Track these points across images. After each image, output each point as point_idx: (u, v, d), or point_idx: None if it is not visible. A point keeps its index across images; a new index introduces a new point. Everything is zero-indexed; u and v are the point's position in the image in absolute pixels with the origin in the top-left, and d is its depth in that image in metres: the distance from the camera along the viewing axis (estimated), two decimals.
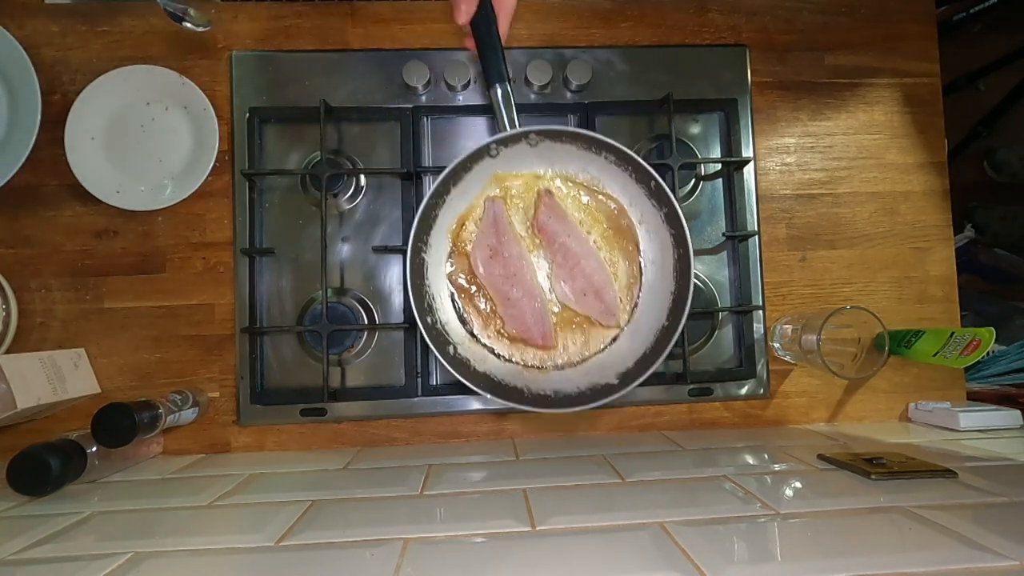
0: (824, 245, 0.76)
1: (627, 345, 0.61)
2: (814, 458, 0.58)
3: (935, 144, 0.78)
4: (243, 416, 0.69)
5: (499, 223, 0.62)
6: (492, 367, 0.61)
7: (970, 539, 0.38)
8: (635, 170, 0.60)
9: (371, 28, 0.75)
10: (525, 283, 0.62)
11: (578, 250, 0.63)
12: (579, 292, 0.62)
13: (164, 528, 0.46)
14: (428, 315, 0.58)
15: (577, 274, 0.62)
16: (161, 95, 0.72)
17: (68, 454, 0.53)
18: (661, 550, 0.39)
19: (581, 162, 0.62)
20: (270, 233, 0.72)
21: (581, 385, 0.59)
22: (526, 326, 0.61)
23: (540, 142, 0.60)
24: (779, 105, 0.77)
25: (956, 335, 0.64)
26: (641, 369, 0.57)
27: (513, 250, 0.62)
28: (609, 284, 0.63)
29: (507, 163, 0.62)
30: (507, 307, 0.62)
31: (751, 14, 0.77)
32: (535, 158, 0.62)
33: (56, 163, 0.69)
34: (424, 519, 0.46)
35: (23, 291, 0.69)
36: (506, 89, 0.58)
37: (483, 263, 0.62)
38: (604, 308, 0.62)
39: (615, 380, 0.58)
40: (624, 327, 0.62)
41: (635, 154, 0.58)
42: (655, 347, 0.58)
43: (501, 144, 0.59)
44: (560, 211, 0.63)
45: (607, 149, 0.60)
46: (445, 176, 0.58)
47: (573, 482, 0.53)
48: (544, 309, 0.62)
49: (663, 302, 0.60)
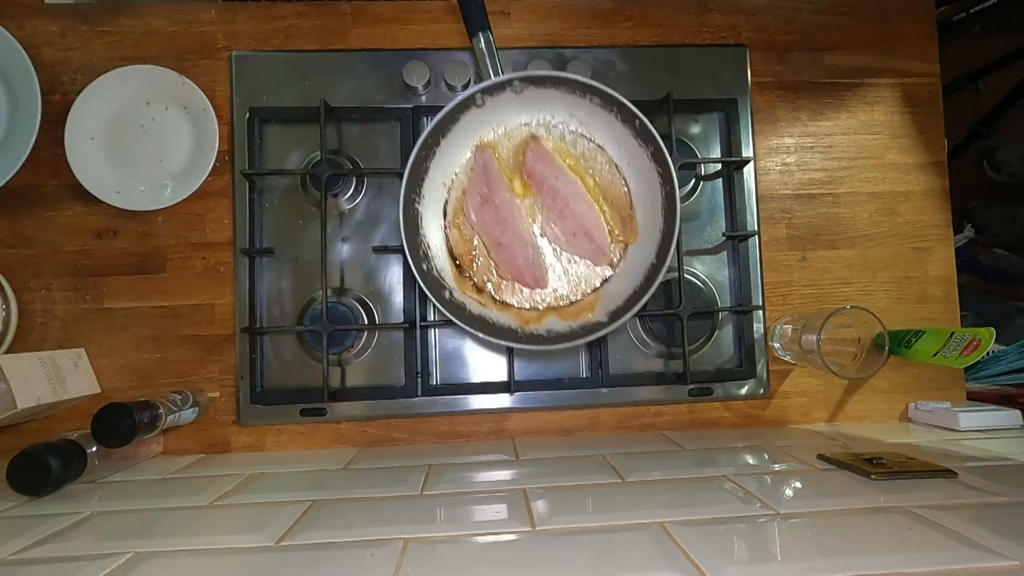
0: (824, 245, 0.76)
1: (619, 284, 0.63)
2: (814, 458, 0.58)
3: (935, 144, 0.78)
4: (243, 416, 0.69)
5: (489, 171, 0.64)
6: (488, 311, 0.63)
7: (970, 539, 0.39)
8: (620, 111, 0.61)
9: (371, 28, 0.75)
10: (515, 228, 0.64)
11: (567, 192, 0.64)
12: (569, 233, 0.64)
13: (164, 528, 0.46)
14: (424, 262, 0.61)
15: (567, 215, 0.64)
16: (161, 95, 0.72)
17: (68, 454, 0.53)
18: (661, 550, 0.39)
19: (567, 106, 0.63)
20: (270, 233, 0.72)
21: (572, 324, 0.61)
22: (518, 269, 0.63)
23: (525, 88, 0.61)
24: (779, 105, 0.77)
25: (956, 335, 0.64)
26: (629, 306, 0.59)
27: (503, 196, 0.64)
28: (599, 224, 0.64)
29: (495, 112, 0.63)
30: (499, 252, 0.64)
31: (751, 14, 0.77)
32: (521, 107, 0.63)
33: (56, 163, 0.69)
34: (424, 519, 0.46)
35: (23, 291, 0.69)
36: (488, 38, 0.59)
37: (475, 210, 0.64)
38: (595, 248, 0.64)
39: (605, 318, 0.60)
40: (617, 266, 0.64)
41: (619, 95, 0.59)
42: (643, 285, 0.60)
43: (486, 93, 0.61)
44: (547, 155, 0.64)
45: (591, 91, 0.61)
46: (433, 127, 0.60)
47: (573, 482, 0.53)
48: (535, 252, 0.64)
49: (652, 241, 0.62)
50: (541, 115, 0.64)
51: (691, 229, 0.75)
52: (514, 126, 0.65)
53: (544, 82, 0.61)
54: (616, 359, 0.72)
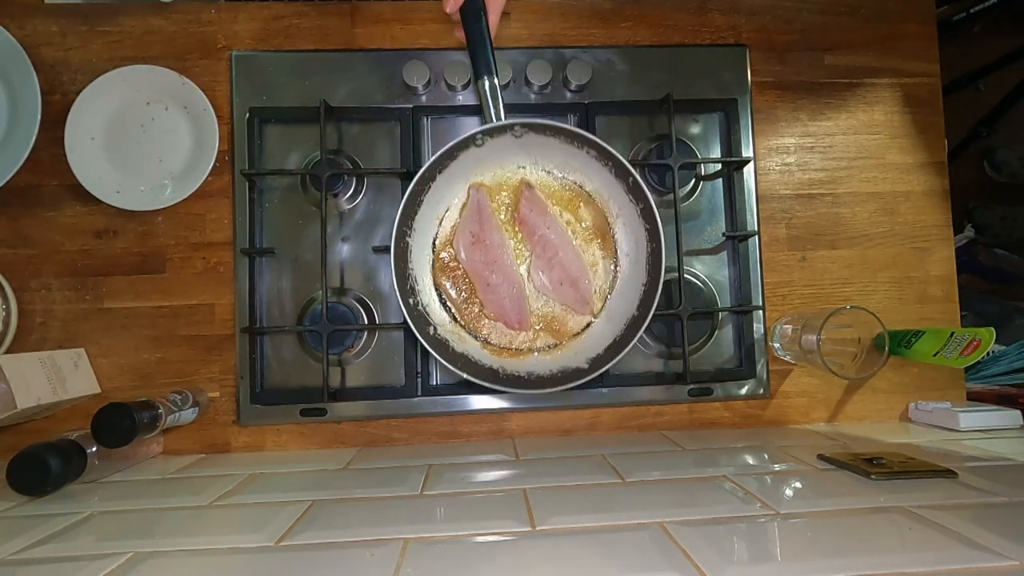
0: (824, 245, 0.76)
1: (599, 332, 0.65)
2: (814, 458, 0.58)
3: (935, 144, 0.78)
4: (243, 416, 0.69)
5: (483, 211, 0.65)
6: (470, 348, 0.64)
7: (970, 539, 0.39)
8: (615, 166, 0.63)
9: (371, 28, 0.75)
10: (504, 269, 0.65)
11: (556, 241, 0.66)
12: (556, 281, 0.66)
13: (164, 528, 0.46)
14: (411, 296, 0.62)
15: (555, 264, 0.66)
16: (161, 95, 0.72)
17: (68, 454, 0.53)
18: (661, 550, 0.39)
19: (564, 156, 0.65)
20: (270, 233, 0.72)
21: (553, 368, 0.63)
22: (503, 310, 0.65)
23: (525, 134, 0.63)
24: (779, 105, 0.77)
25: (956, 335, 0.64)
26: (611, 355, 0.61)
27: (494, 238, 0.66)
28: (584, 274, 0.66)
29: (493, 153, 0.64)
30: (486, 292, 0.65)
31: (751, 14, 0.77)
32: (519, 150, 0.65)
33: (56, 163, 0.69)
34: (424, 519, 0.46)
35: (23, 291, 0.69)
36: (493, 82, 0.60)
37: (465, 248, 0.65)
38: (579, 297, 0.66)
39: (585, 365, 0.62)
40: (598, 315, 0.66)
41: (614, 150, 0.61)
42: (625, 335, 0.62)
43: (487, 135, 0.62)
44: (541, 203, 0.66)
45: (589, 144, 0.63)
46: (431, 163, 0.61)
47: (573, 482, 0.53)
48: (521, 295, 0.65)
49: (635, 293, 0.64)
50: (538, 161, 0.66)
51: (691, 229, 0.75)
52: (511, 169, 0.66)
53: (544, 130, 0.62)
54: None
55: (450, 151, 0.61)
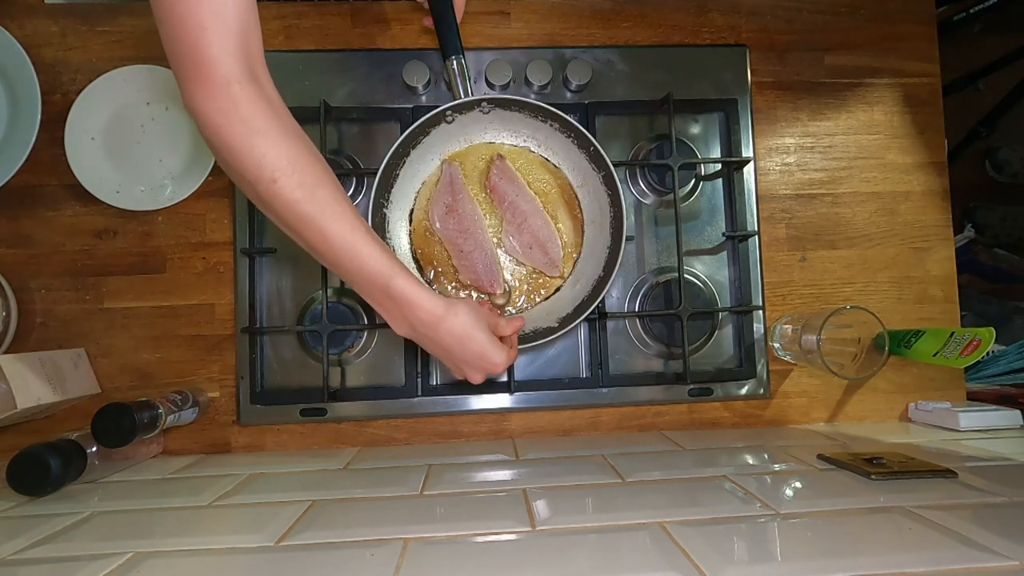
0: (824, 245, 0.76)
1: (568, 293, 0.69)
2: (814, 458, 0.58)
3: (935, 144, 0.78)
4: (243, 416, 0.69)
5: (455, 183, 0.70)
6: None
7: (970, 539, 0.39)
8: (576, 136, 0.67)
9: (371, 28, 0.75)
10: (477, 237, 0.69)
11: (525, 208, 0.70)
12: (526, 246, 0.70)
13: (164, 528, 0.46)
14: None
15: (524, 229, 0.70)
16: (161, 95, 0.72)
17: (68, 454, 0.53)
18: (661, 550, 0.39)
19: (529, 129, 0.70)
20: (270, 233, 0.72)
21: (526, 328, 0.66)
22: (477, 275, 0.69)
23: (492, 109, 0.68)
24: (779, 105, 0.77)
25: (956, 335, 0.64)
26: (578, 313, 0.66)
27: (467, 208, 0.70)
28: (553, 239, 0.70)
29: (463, 129, 0.69)
30: (460, 258, 0.69)
31: (751, 14, 0.77)
32: (488, 124, 0.70)
33: (56, 163, 0.69)
34: (424, 519, 0.46)
35: (23, 291, 0.69)
36: (461, 61, 0.65)
37: (439, 219, 0.70)
38: (548, 260, 0.70)
39: (556, 324, 0.66)
40: (567, 278, 0.70)
41: (575, 121, 0.66)
42: (591, 294, 0.66)
43: (456, 111, 0.67)
44: (510, 173, 0.70)
45: (552, 117, 0.67)
46: (404, 139, 0.66)
47: (573, 482, 0.53)
48: (493, 260, 0.70)
49: (600, 256, 0.68)
50: (506, 134, 0.71)
51: (691, 229, 0.75)
52: (480, 143, 0.71)
53: (509, 105, 0.67)
54: (616, 359, 0.72)
55: (422, 127, 0.66)
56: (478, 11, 0.75)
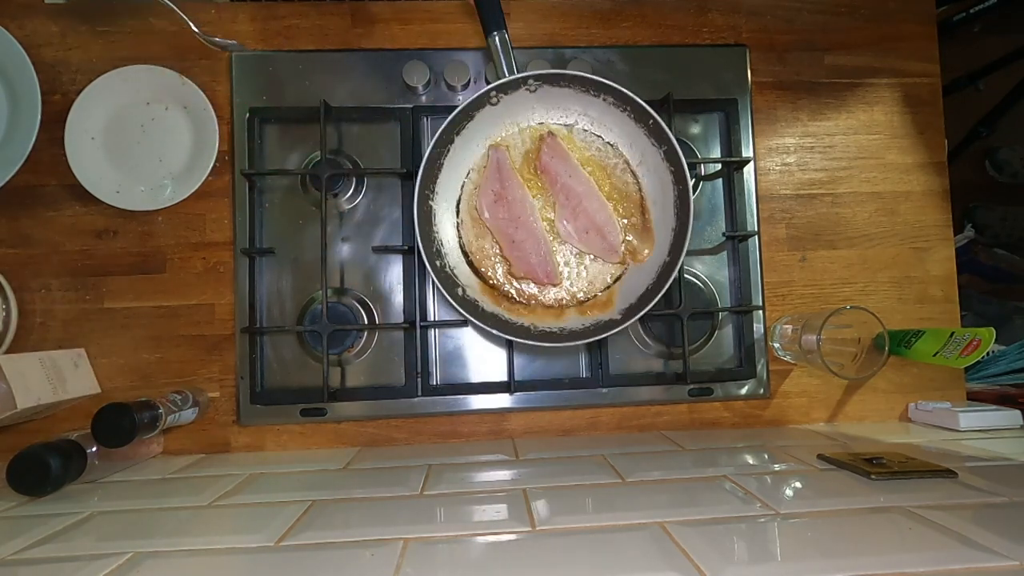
0: (824, 245, 0.76)
1: (632, 281, 0.64)
2: (814, 458, 0.58)
3: (935, 144, 0.78)
4: (243, 416, 0.69)
5: (502, 169, 0.65)
6: (500, 308, 0.64)
7: (970, 539, 0.39)
8: (633, 110, 0.62)
9: (371, 28, 0.75)
10: (528, 225, 0.64)
11: (580, 190, 0.65)
12: (582, 231, 0.65)
13: (164, 528, 0.46)
14: (437, 259, 0.62)
15: (580, 213, 0.65)
16: (161, 95, 0.72)
17: (68, 454, 0.53)
18: (661, 550, 0.39)
19: (581, 105, 0.64)
20: (270, 233, 0.72)
21: (586, 321, 0.62)
22: (531, 266, 0.64)
23: (539, 87, 0.63)
24: (779, 105, 0.77)
25: (956, 335, 0.64)
26: (643, 303, 0.60)
27: (516, 194, 0.65)
28: (611, 222, 0.65)
29: (508, 110, 0.64)
30: (512, 249, 0.64)
31: (751, 14, 0.77)
32: (536, 103, 0.64)
33: (56, 163, 0.69)
34: (424, 519, 0.46)
35: (23, 291, 0.69)
36: (504, 37, 0.60)
37: (488, 208, 0.65)
38: (607, 245, 0.64)
39: (618, 315, 0.61)
40: (629, 264, 0.64)
41: (631, 93, 0.60)
42: (657, 282, 0.61)
43: (501, 91, 0.62)
44: (562, 151, 0.65)
45: (605, 90, 0.62)
46: (448, 125, 0.61)
47: (573, 482, 0.53)
48: (548, 249, 0.64)
49: (665, 238, 0.63)
50: (555, 113, 0.65)
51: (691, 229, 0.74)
52: (528, 124, 0.66)
53: (558, 80, 0.62)
54: (616, 359, 0.72)
55: (465, 111, 0.61)
56: None
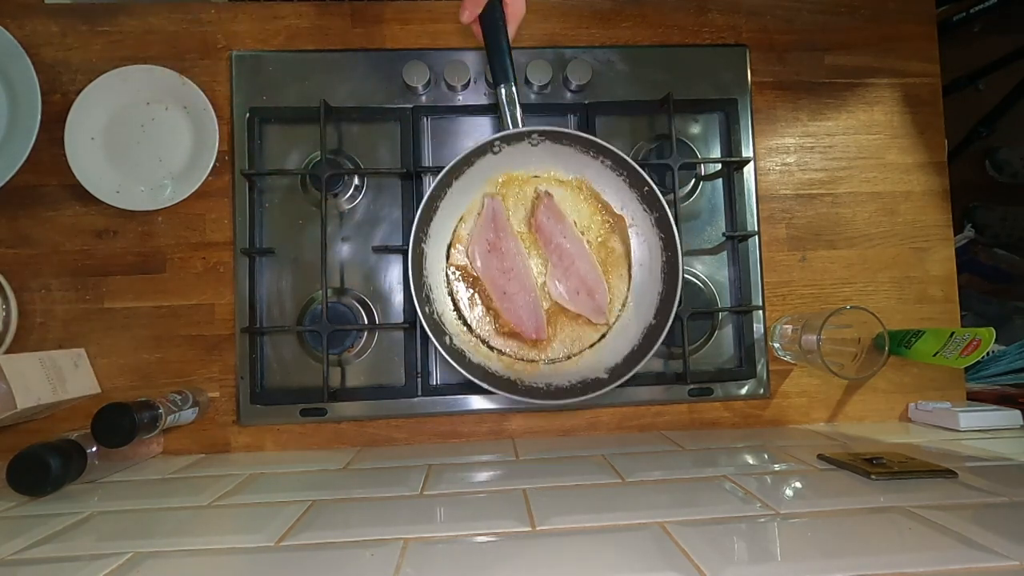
0: (824, 245, 0.76)
1: (615, 342, 0.65)
2: (814, 458, 0.58)
3: (935, 144, 0.78)
4: (243, 416, 0.69)
5: (498, 219, 0.65)
6: (485, 359, 0.64)
7: (970, 539, 0.39)
8: (629, 175, 0.63)
9: (371, 28, 0.75)
10: (521, 278, 0.65)
11: (573, 251, 0.66)
12: (572, 291, 0.65)
13: (164, 528, 0.46)
14: (427, 305, 0.62)
15: (571, 274, 0.65)
16: (161, 95, 0.72)
17: (68, 454, 0.53)
18: (661, 550, 0.39)
19: (579, 164, 0.65)
20: (270, 233, 0.72)
21: (572, 379, 0.62)
22: (520, 320, 0.64)
23: (541, 142, 0.63)
24: (779, 105, 0.77)
25: (956, 335, 0.64)
26: (630, 365, 0.61)
27: (510, 246, 0.65)
28: (600, 284, 0.66)
29: (509, 160, 0.64)
30: (503, 301, 0.65)
31: (751, 14, 0.77)
32: (536, 157, 0.65)
33: (56, 163, 0.69)
34: (424, 519, 0.46)
35: (23, 291, 0.69)
36: (511, 89, 0.61)
37: (480, 257, 0.65)
38: (595, 306, 0.65)
39: (605, 375, 0.62)
40: (612, 325, 0.65)
41: (631, 159, 0.61)
42: (643, 344, 0.62)
43: (504, 142, 0.62)
44: (558, 212, 0.66)
45: (604, 153, 0.63)
46: (449, 169, 0.61)
47: (573, 482, 0.53)
48: (537, 304, 0.65)
49: (651, 302, 0.64)
50: (554, 169, 0.66)
51: (691, 229, 0.75)
52: (527, 177, 0.66)
53: (560, 138, 0.62)
54: None
55: (467, 157, 0.61)
56: None
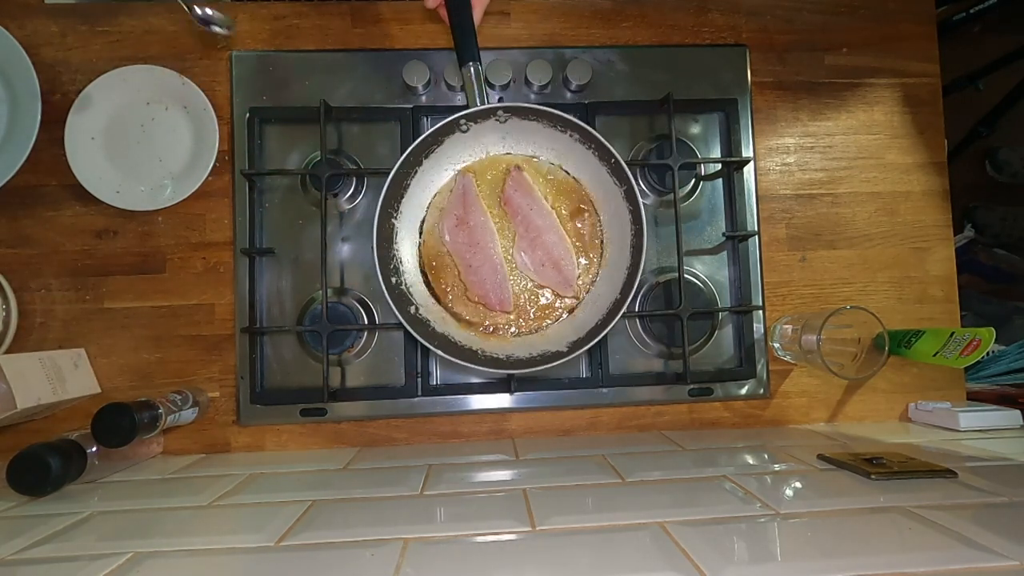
0: (824, 245, 0.76)
1: (583, 316, 0.65)
2: (814, 458, 0.58)
3: (935, 144, 0.78)
4: (243, 416, 0.69)
5: (467, 195, 0.67)
6: (452, 329, 0.65)
7: (970, 539, 0.39)
8: (597, 148, 0.64)
9: (371, 28, 0.75)
10: (486, 252, 0.66)
11: (540, 223, 0.67)
12: (538, 263, 0.67)
13: (164, 528, 0.46)
14: (393, 276, 0.63)
15: (537, 246, 0.67)
16: (161, 95, 0.72)
17: (68, 454, 0.53)
18: (661, 550, 0.39)
19: (548, 139, 0.66)
20: (270, 233, 0.72)
21: (533, 351, 0.63)
22: (485, 291, 0.66)
23: (508, 119, 0.64)
24: (779, 105, 0.77)
25: (956, 335, 0.64)
26: (590, 337, 0.61)
27: (478, 220, 0.67)
28: (568, 257, 0.67)
29: (477, 138, 0.66)
30: (468, 273, 0.66)
31: (751, 14, 0.77)
32: (504, 134, 0.66)
33: (56, 163, 0.69)
34: (424, 519, 0.46)
35: (23, 291, 0.69)
36: (478, 68, 0.62)
37: (449, 231, 0.67)
38: (562, 279, 0.66)
39: (565, 348, 0.62)
40: (583, 298, 0.66)
41: (595, 131, 0.62)
42: (606, 318, 0.62)
43: (471, 119, 0.64)
44: (526, 185, 0.67)
45: (572, 127, 0.64)
46: (415, 147, 0.63)
47: (573, 482, 0.53)
48: (503, 277, 0.66)
49: (619, 277, 0.64)
50: (523, 145, 0.67)
51: (691, 229, 0.75)
52: (496, 153, 0.68)
53: (527, 114, 0.64)
54: (616, 359, 0.72)
55: (434, 135, 0.63)
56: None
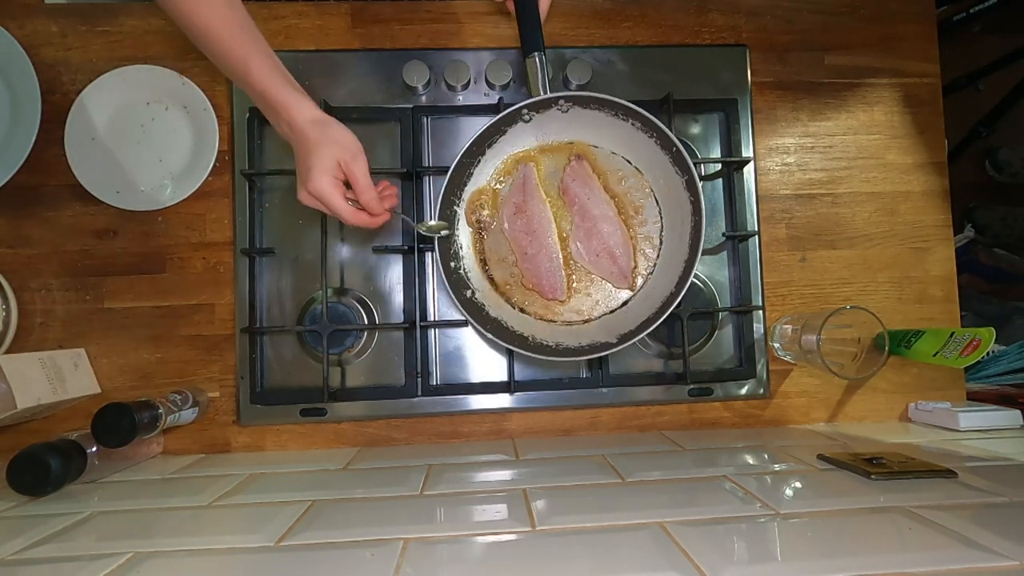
0: (824, 245, 0.76)
1: (636, 308, 0.65)
2: (814, 458, 0.58)
3: (935, 144, 0.78)
4: (243, 416, 0.69)
5: (527, 183, 0.67)
6: (506, 314, 0.66)
7: (970, 539, 0.39)
8: (659, 137, 0.64)
9: (371, 28, 0.75)
10: (543, 240, 0.67)
11: (597, 213, 0.67)
12: (594, 253, 0.67)
13: (164, 528, 0.46)
14: (453, 260, 0.65)
15: (594, 235, 0.67)
16: (161, 95, 0.72)
17: (68, 454, 0.53)
18: (661, 550, 0.39)
19: (609, 128, 0.66)
20: (270, 233, 0.72)
21: (583, 340, 0.64)
22: (539, 279, 0.66)
23: (570, 108, 0.65)
24: (779, 105, 0.77)
25: (956, 335, 0.64)
26: (640, 330, 0.62)
27: (536, 209, 0.67)
28: (624, 248, 0.67)
29: (539, 128, 0.67)
30: (525, 261, 0.67)
31: (751, 14, 0.77)
32: (566, 124, 0.66)
33: (56, 163, 0.69)
34: (424, 519, 0.46)
35: (23, 291, 0.69)
36: (542, 58, 0.63)
37: (508, 219, 0.67)
38: (617, 270, 0.66)
39: (614, 339, 0.62)
40: (638, 291, 0.66)
41: (659, 121, 0.62)
42: (658, 312, 0.62)
43: (533, 109, 0.64)
44: (585, 175, 0.67)
45: (633, 116, 0.64)
46: (479, 136, 0.64)
47: (573, 482, 0.53)
48: (558, 266, 0.67)
49: (675, 269, 0.64)
50: (584, 134, 0.67)
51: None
52: (558, 143, 0.68)
53: (588, 103, 0.64)
54: (616, 359, 0.72)
55: (497, 125, 0.64)
56: (478, 11, 0.75)
